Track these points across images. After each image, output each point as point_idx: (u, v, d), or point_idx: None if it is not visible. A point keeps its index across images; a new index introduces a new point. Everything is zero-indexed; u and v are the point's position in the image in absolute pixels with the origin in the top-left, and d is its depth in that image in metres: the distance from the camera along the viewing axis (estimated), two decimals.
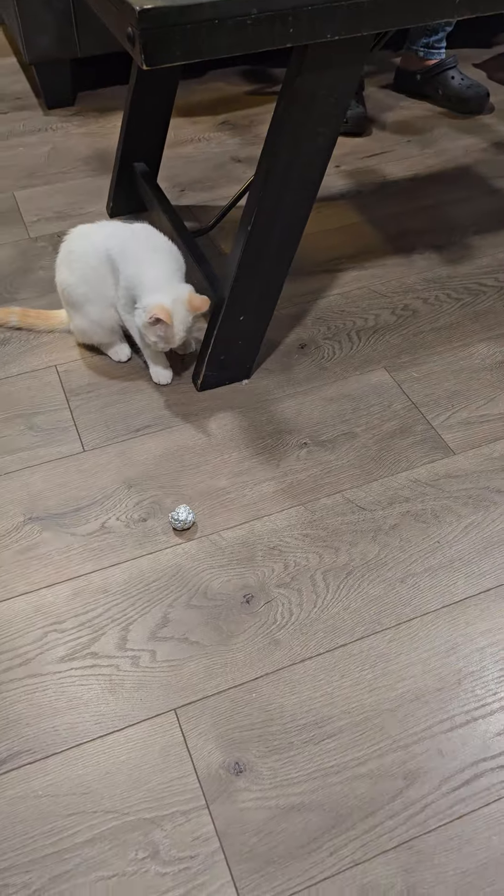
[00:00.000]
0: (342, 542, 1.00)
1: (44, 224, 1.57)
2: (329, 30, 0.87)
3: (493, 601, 0.94)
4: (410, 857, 0.74)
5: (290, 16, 0.84)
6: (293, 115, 0.97)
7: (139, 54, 0.82)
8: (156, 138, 1.48)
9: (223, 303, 1.12)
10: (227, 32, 0.83)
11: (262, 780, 0.79)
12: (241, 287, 1.10)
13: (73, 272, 1.14)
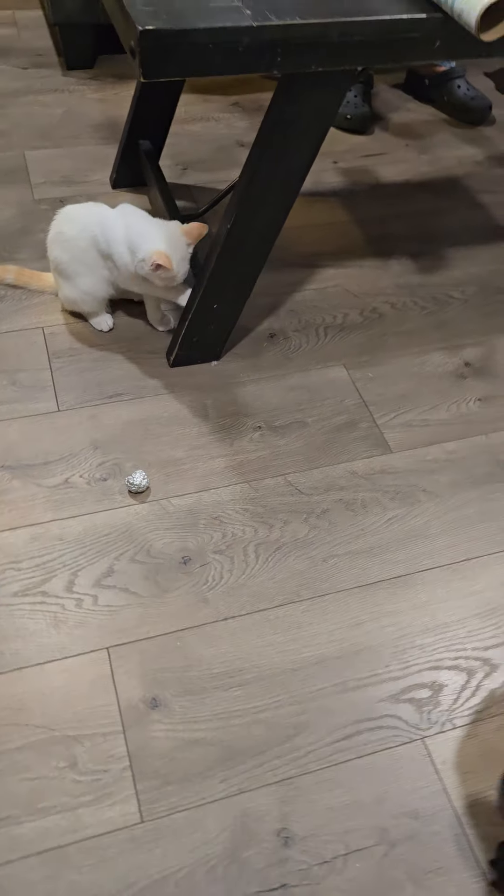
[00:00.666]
0: (277, 519, 1.12)
1: (49, 187, 1.65)
2: (313, 62, 0.96)
3: (401, 587, 1.06)
4: (288, 791, 0.88)
5: (279, 47, 0.93)
6: (276, 133, 1.06)
7: (138, 67, 0.91)
8: (162, 120, 1.57)
9: (200, 290, 1.22)
10: (220, 56, 0.92)
11: (174, 716, 0.92)
12: (217, 280, 1.20)
13: (65, 251, 1.24)
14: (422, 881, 0.83)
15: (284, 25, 0.92)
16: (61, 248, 1.24)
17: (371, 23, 0.95)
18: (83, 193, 1.64)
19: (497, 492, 1.18)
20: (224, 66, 0.94)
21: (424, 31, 0.97)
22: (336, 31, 0.94)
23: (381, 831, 0.86)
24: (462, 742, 0.93)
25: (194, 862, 0.82)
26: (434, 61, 1.96)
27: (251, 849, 0.84)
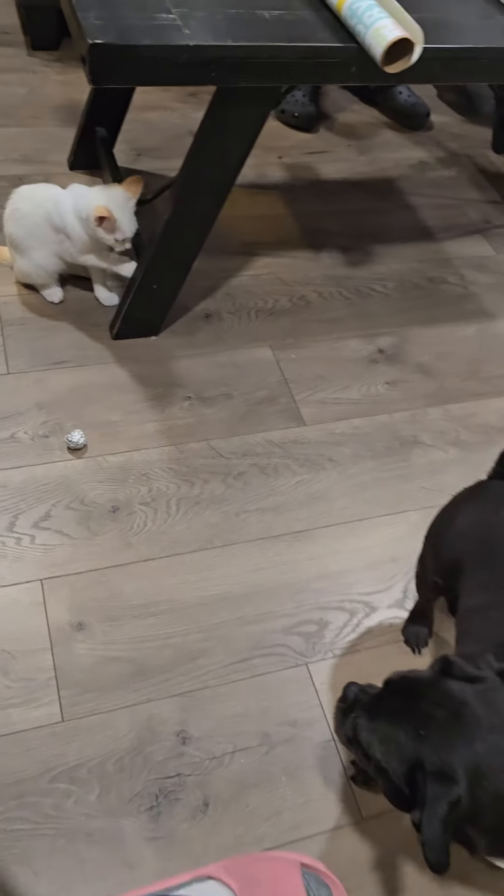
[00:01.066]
0: (198, 478, 1.28)
1: (8, 164, 1.76)
2: (244, 79, 1.10)
3: (300, 541, 1.23)
4: (189, 702, 1.04)
5: (214, 64, 1.07)
6: (211, 136, 1.20)
7: (88, 74, 1.05)
8: (117, 111, 1.69)
9: (142, 271, 1.36)
10: (162, 70, 1.06)
11: (95, 638, 1.08)
12: (157, 263, 1.34)
13: (20, 227, 1.36)
14: (294, 774, 1.00)
15: (219, 46, 1.06)
16: (16, 224, 1.37)
17: (295, 48, 1.10)
18: (41, 173, 1.76)
19: (392, 464, 1.35)
20: (165, 78, 1.08)
21: (342, 57, 1.12)
22: (264, 53, 1.08)
23: (264, 735, 1.03)
24: (339, 668, 1.10)
25: (105, 754, 0.98)
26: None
27: (154, 745, 1.00)
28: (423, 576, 1.07)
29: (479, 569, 0.90)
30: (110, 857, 0.92)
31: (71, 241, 1.35)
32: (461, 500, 1.01)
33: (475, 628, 0.85)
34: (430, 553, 1.03)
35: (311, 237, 1.76)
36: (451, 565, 0.94)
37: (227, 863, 0.89)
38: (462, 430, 1.43)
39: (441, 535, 0.99)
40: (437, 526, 1.02)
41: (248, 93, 1.15)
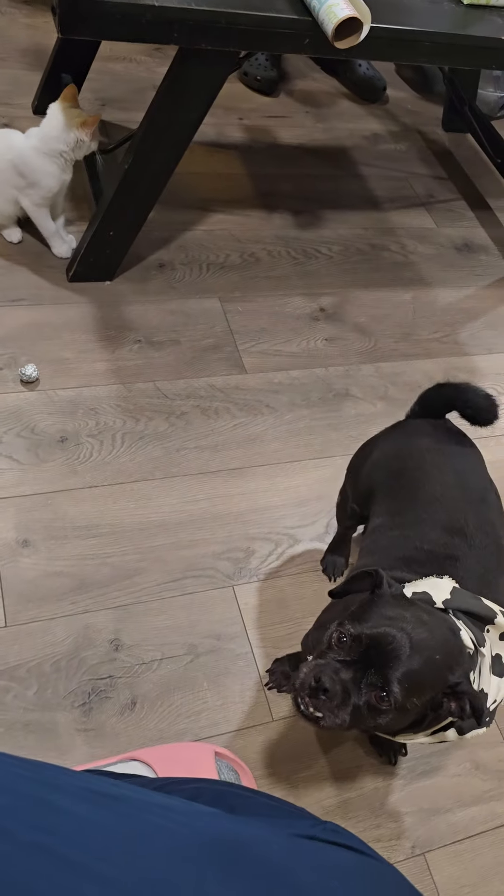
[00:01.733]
0: (143, 416, 1.37)
1: None
2: (204, 41, 1.17)
3: (235, 477, 1.34)
4: (123, 614, 1.14)
5: (176, 24, 1.14)
6: (171, 92, 1.27)
7: (56, 25, 1.10)
8: (84, 58, 1.73)
9: (99, 217, 1.43)
10: (126, 26, 1.12)
11: (39, 554, 1.17)
12: (114, 210, 1.41)
13: None
14: (215, 680, 1.12)
15: (181, 8, 1.13)
16: None
17: (253, 16, 1.17)
18: (5, 115, 1.79)
19: (324, 413, 1.47)
20: (129, 34, 1.15)
21: (296, 29, 1.20)
22: (224, 18, 1.16)
23: (190, 646, 1.14)
24: (262, 591, 1.22)
25: (44, 656, 1.08)
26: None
27: (89, 651, 1.10)
28: (343, 505, 1.20)
29: (387, 494, 1.02)
30: (45, 745, 1.02)
31: (36, 188, 1.40)
32: (380, 436, 1.13)
33: (375, 545, 0.97)
34: (350, 482, 1.15)
35: (265, 198, 1.84)
36: (367, 492, 1.06)
37: (150, 748, 1.01)
38: (391, 387, 1.55)
39: (359, 466, 1.12)
40: (357, 458, 1.14)
41: (208, 55, 1.22)
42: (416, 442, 1.06)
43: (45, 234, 1.51)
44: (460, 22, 1.31)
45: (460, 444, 1.07)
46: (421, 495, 0.98)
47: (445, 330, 1.69)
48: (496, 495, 1.02)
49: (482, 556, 0.91)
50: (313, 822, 0.62)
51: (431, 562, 0.90)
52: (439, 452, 1.04)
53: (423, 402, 1.12)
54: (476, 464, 1.06)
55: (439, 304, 1.74)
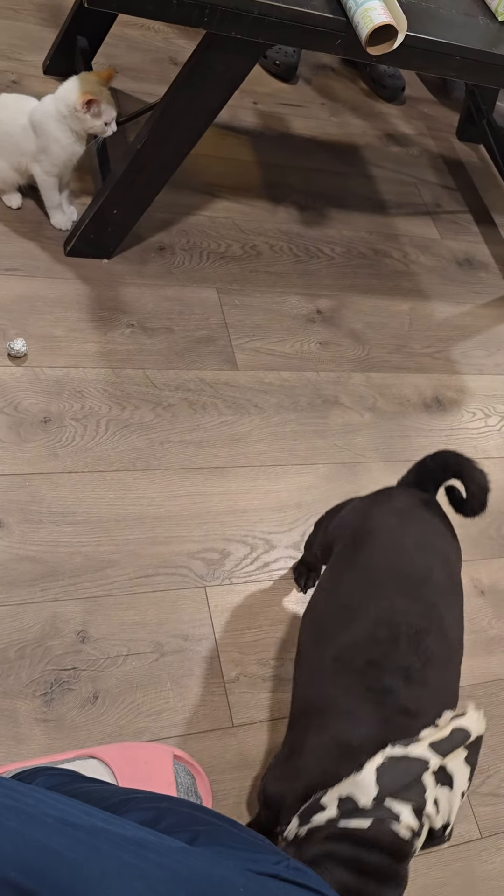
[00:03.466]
0: (130, 403, 1.34)
1: None
2: (234, 29, 1.14)
3: (216, 476, 1.32)
4: (93, 606, 1.13)
5: (207, 8, 1.11)
6: (194, 76, 1.23)
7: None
8: (103, 23, 1.68)
9: (105, 194, 1.39)
10: (156, 3, 1.08)
11: (13, 536, 1.15)
12: (120, 191, 1.37)
13: None
14: (178, 681, 1.11)
15: None
16: None
17: (286, 10, 1.14)
18: (14, 71, 1.73)
19: (311, 419, 1.46)
20: (158, 12, 1.10)
21: (329, 28, 1.17)
22: (257, 8, 1.12)
23: (157, 644, 1.13)
24: (233, 595, 1.21)
25: (9, 642, 1.07)
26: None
27: (55, 640, 1.09)
28: (311, 542, 1.19)
29: (339, 555, 0.97)
30: (2, 732, 1.01)
31: (48, 155, 1.36)
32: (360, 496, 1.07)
33: (311, 620, 0.96)
34: (321, 527, 1.13)
35: (272, 189, 1.81)
36: (326, 546, 1.04)
37: (108, 746, 1.01)
38: (379, 398, 1.54)
39: (330, 517, 1.10)
40: (332, 509, 1.12)
41: (236, 43, 1.19)
42: (386, 507, 1.00)
43: (48, 204, 1.47)
44: (493, 39, 1.29)
45: (433, 516, 0.99)
46: (365, 570, 0.93)
47: (439, 346, 1.69)
48: (447, 570, 0.94)
49: (412, 651, 0.85)
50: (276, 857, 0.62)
51: (359, 667, 0.85)
52: (405, 523, 0.97)
53: (419, 468, 1.05)
54: (438, 535, 0.97)
55: (435, 318, 1.74)
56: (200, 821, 0.70)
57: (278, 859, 0.61)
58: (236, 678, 1.14)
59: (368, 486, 1.40)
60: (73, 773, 0.89)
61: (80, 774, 0.89)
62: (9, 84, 1.70)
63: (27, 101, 1.37)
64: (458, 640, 0.92)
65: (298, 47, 1.20)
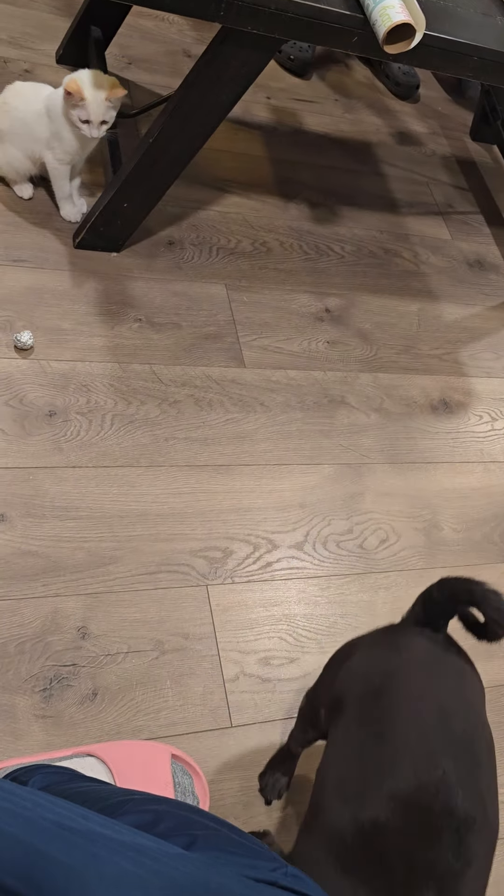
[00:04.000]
0: (136, 399, 1.34)
1: None
2: (250, 24, 1.13)
3: (221, 474, 1.32)
4: (94, 602, 1.13)
5: (224, 2, 1.09)
6: (208, 71, 1.22)
7: None
8: (117, 14, 1.66)
9: (116, 187, 1.38)
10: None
11: (15, 530, 1.14)
12: (131, 184, 1.36)
13: (5, 121, 1.35)
14: (178, 680, 1.11)
15: None
16: (3, 117, 1.36)
17: (303, 6, 1.12)
18: (27, 60, 1.72)
19: (317, 419, 1.45)
20: (173, 5, 1.09)
21: (346, 25, 1.15)
22: (273, 3, 1.11)
23: (157, 642, 1.13)
24: (234, 594, 1.21)
25: (9, 636, 1.06)
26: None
27: (55, 636, 1.09)
28: (306, 711, 0.99)
29: (353, 714, 0.83)
30: (0, 726, 1.01)
31: (61, 142, 1.34)
32: (365, 638, 0.92)
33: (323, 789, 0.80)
34: (324, 682, 0.95)
35: (283, 185, 1.80)
36: (335, 701, 0.87)
37: (106, 744, 1.00)
38: (386, 399, 1.54)
39: (336, 666, 0.92)
40: (337, 655, 0.95)
41: (251, 38, 1.18)
42: (402, 657, 0.86)
43: (58, 194, 1.46)
44: None
45: (457, 668, 0.86)
46: (389, 733, 0.78)
47: (447, 347, 1.68)
48: (487, 742, 0.81)
49: (453, 852, 0.70)
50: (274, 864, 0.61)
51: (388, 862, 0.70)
52: (427, 678, 0.83)
53: (425, 601, 0.89)
54: (467, 687, 0.85)
55: (444, 319, 1.73)
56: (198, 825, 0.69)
57: (276, 866, 0.61)
58: (236, 678, 1.14)
59: (373, 488, 1.39)
60: (70, 771, 0.88)
61: (78, 773, 0.89)
62: (21, 73, 1.69)
63: (42, 89, 1.36)
64: (496, 827, 0.75)
65: (314, 44, 1.18)
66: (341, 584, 1.28)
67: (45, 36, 1.79)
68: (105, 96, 1.28)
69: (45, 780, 0.83)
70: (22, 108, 1.35)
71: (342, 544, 1.32)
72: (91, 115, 1.29)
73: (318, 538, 1.31)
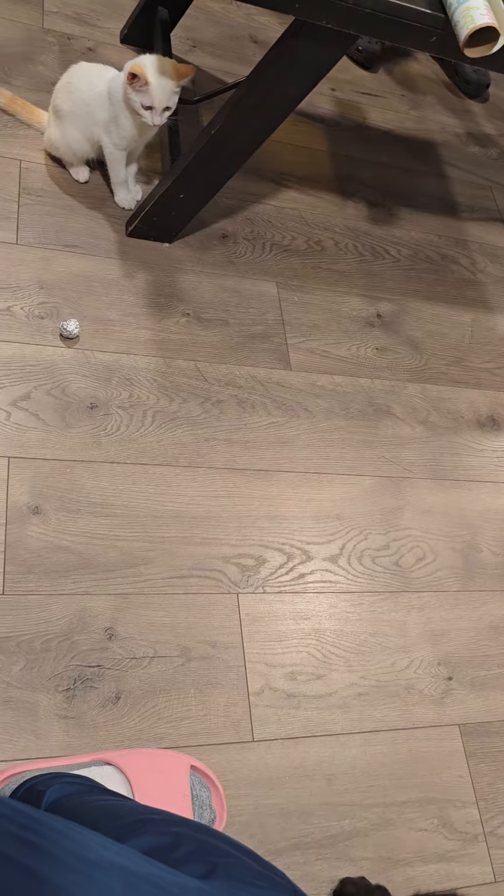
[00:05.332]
0: (178, 396, 1.31)
1: (60, 20, 1.68)
2: (325, 18, 1.08)
3: (259, 479, 1.29)
4: (122, 602, 1.11)
5: None
6: (278, 63, 1.18)
7: None
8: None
9: (174, 177, 1.35)
10: None
11: (49, 524, 1.13)
12: (190, 174, 1.32)
13: (67, 101, 1.32)
14: (202, 688, 1.09)
15: None
16: (65, 97, 1.33)
17: (381, 1, 1.07)
18: (91, 38, 1.69)
19: (361, 427, 1.41)
20: None
21: (425, 24, 1.10)
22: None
23: (184, 649, 1.11)
24: (265, 604, 1.19)
25: (36, 632, 1.05)
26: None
27: (82, 635, 1.07)
28: None
29: None
30: (22, 724, 1.00)
31: (119, 126, 1.31)
32: None
33: None
34: None
35: (342, 182, 1.75)
36: None
37: (126, 752, 0.99)
38: (433, 412, 1.49)
39: None
40: None
41: (325, 33, 1.13)
42: None
43: (113, 179, 1.43)
44: None
45: None
46: None
47: (499, 361, 1.62)
48: None
49: None
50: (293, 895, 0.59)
51: None
52: None
53: None
54: None
55: (498, 331, 1.67)
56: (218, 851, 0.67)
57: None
58: (261, 691, 1.12)
59: (413, 503, 1.36)
60: (88, 781, 0.87)
61: (96, 784, 0.87)
62: (84, 51, 1.66)
63: (107, 71, 1.33)
64: None
65: (390, 41, 1.13)
66: (374, 601, 1.25)
67: (111, 14, 1.75)
68: (171, 82, 1.24)
69: (63, 791, 0.81)
70: (85, 88, 1.32)
71: (378, 560, 1.29)
72: (154, 101, 1.25)
73: (354, 552, 1.28)
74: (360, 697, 1.16)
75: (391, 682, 1.19)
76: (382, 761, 1.13)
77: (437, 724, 1.18)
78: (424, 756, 1.16)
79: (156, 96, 1.25)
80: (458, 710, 1.21)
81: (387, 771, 1.13)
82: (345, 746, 1.12)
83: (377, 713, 1.16)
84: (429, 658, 1.23)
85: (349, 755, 1.12)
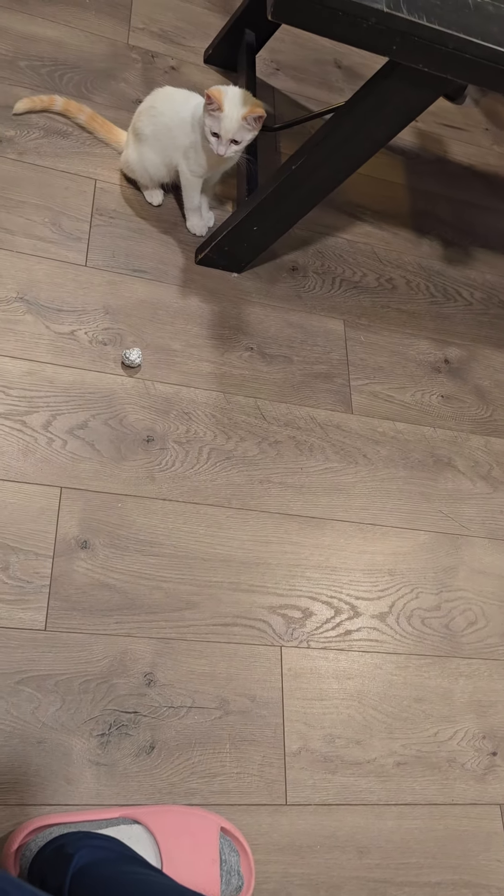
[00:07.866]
0: (235, 433, 1.28)
1: (146, 37, 1.67)
2: (422, 62, 1.04)
3: (312, 527, 1.25)
4: (164, 647, 1.08)
5: (398, 37, 1.01)
6: (367, 103, 1.14)
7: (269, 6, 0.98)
8: None
9: (249, 209, 1.32)
10: (344, 24, 0.99)
11: (96, 560, 1.11)
12: (265, 207, 1.29)
13: (149, 125, 1.30)
14: (238, 744, 1.06)
15: (410, 21, 0.99)
16: (148, 121, 1.31)
17: (485, 48, 1.03)
18: (175, 56, 1.67)
19: (420, 479, 1.36)
20: (344, 35, 1.01)
21: None
22: (451, 42, 1.02)
23: (223, 701, 1.08)
24: (308, 659, 1.15)
25: (75, 672, 1.03)
26: None
27: (121, 678, 1.05)
28: None
29: None
30: (54, 769, 0.98)
31: (196, 154, 1.29)
32: None
33: None
34: None
35: (418, 218, 1.70)
36: None
37: (155, 809, 0.96)
38: (496, 467, 1.44)
39: None
40: None
41: (419, 76, 1.09)
42: None
43: (187, 204, 1.41)
44: None
45: None
46: None
47: None
48: None
49: None
50: None
51: None
52: None
53: None
54: None
55: None
56: None
57: None
58: (298, 752, 1.08)
59: (468, 563, 1.31)
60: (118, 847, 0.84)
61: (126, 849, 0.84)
62: (167, 70, 1.64)
63: (192, 97, 1.31)
64: None
65: (490, 88, 1.09)
66: (421, 664, 1.21)
67: (196, 32, 1.73)
68: (242, 113, 1.21)
69: (93, 856, 0.79)
70: (169, 114, 1.30)
71: (427, 621, 1.24)
72: (222, 129, 1.23)
73: (404, 611, 1.23)
74: (400, 767, 1.12)
75: (433, 753, 1.14)
76: (418, 837, 1.08)
77: (477, 802, 1.13)
78: (462, 835, 1.11)
79: (225, 125, 1.22)
80: (500, 789, 1.15)
81: (422, 848, 1.08)
82: (380, 818, 1.08)
83: (416, 785, 1.12)
84: (473, 730, 1.18)
85: (384, 828, 1.07)
